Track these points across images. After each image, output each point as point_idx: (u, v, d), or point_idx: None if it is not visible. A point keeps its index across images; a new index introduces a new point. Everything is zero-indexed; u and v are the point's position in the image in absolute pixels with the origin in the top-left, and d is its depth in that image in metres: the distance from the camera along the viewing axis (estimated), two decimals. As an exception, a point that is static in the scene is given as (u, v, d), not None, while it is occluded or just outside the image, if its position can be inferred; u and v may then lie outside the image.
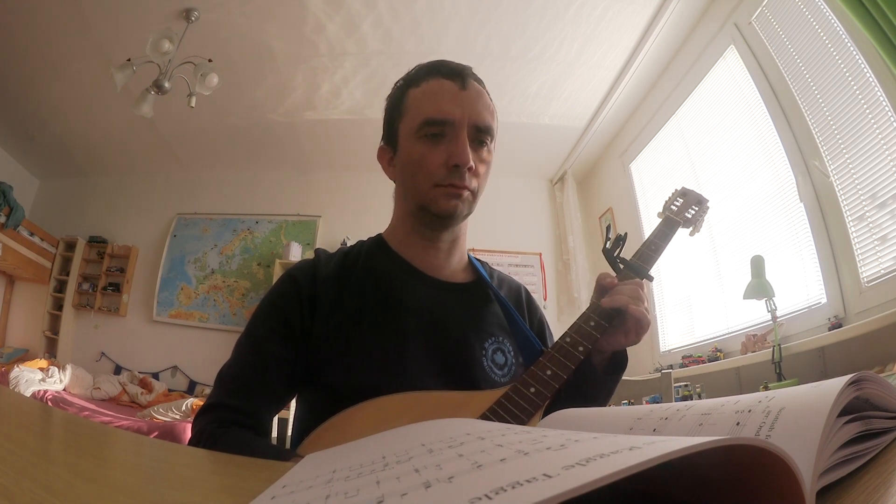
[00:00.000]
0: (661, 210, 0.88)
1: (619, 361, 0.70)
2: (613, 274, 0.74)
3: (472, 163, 0.68)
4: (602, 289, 0.71)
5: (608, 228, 0.78)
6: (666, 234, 0.81)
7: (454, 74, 0.72)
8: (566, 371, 0.62)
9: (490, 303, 0.78)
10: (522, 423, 0.57)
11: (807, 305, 2.03)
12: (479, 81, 0.74)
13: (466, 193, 0.70)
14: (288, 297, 0.71)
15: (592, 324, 0.66)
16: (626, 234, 0.79)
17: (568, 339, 0.65)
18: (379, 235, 0.83)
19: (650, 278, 0.73)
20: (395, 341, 0.69)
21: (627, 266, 0.74)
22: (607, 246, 0.77)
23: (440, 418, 0.59)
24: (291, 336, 0.69)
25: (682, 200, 0.89)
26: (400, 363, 0.67)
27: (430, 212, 0.71)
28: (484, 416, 0.58)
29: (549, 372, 0.62)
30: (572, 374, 0.63)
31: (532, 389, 0.60)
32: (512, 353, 0.75)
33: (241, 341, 0.71)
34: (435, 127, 0.69)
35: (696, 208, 0.88)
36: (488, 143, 0.72)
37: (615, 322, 0.67)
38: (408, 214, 0.77)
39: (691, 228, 0.88)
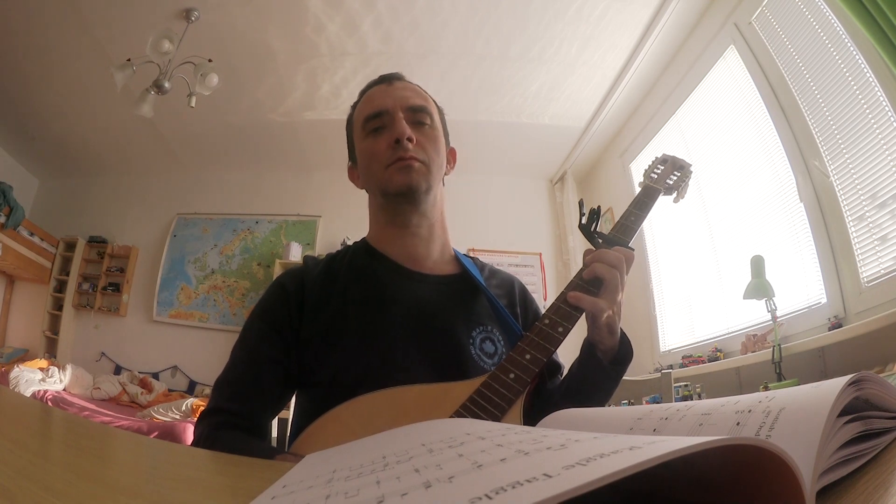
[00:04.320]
0: (641, 179, 0.85)
1: (622, 353, 0.69)
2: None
3: (409, 133, 0.73)
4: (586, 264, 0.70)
5: (581, 203, 0.77)
6: (645, 204, 0.77)
7: (381, 80, 0.82)
8: (545, 353, 0.61)
9: (477, 294, 0.79)
10: (504, 409, 0.56)
11: (807, 305, 2.03)
12: (410, 82, 0.83)
13: (417, 164, 0.74)
14: (277, 302, 0.74)
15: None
16: (599, 206, 0.77)
17: (546, 321, 0.63)
18: (363, 239, 0.85)
19: (630, 250, 0.71)
20: (381, 337, 0.70)
21: (606, 240, 0.72)
22: (583, 221, 0.74)
23: (421, 411, 0.59)
24: (282, 339, 0.71)
25: (662, 167, 0.86)
26: (387, 358, 0.68)
27: (390, 193, 0.75)
28: (464, 406, 0.57)
29: (528, 356, 0.60)
30: (551, 355, 0.61)
31: (511, 375, 0.59)
32: (502, 342, 0.75)
33: (235, 348, 0.74)
34: (374, 121, 0.77)
35: (678, 174, 0.85)
36: (427, 122, 0.78)
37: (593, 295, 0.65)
38: (378, 210, 0.81)
39: (675, 195, 0.85)
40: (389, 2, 2.70)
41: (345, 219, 4.23)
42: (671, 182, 0.84)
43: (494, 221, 4.19)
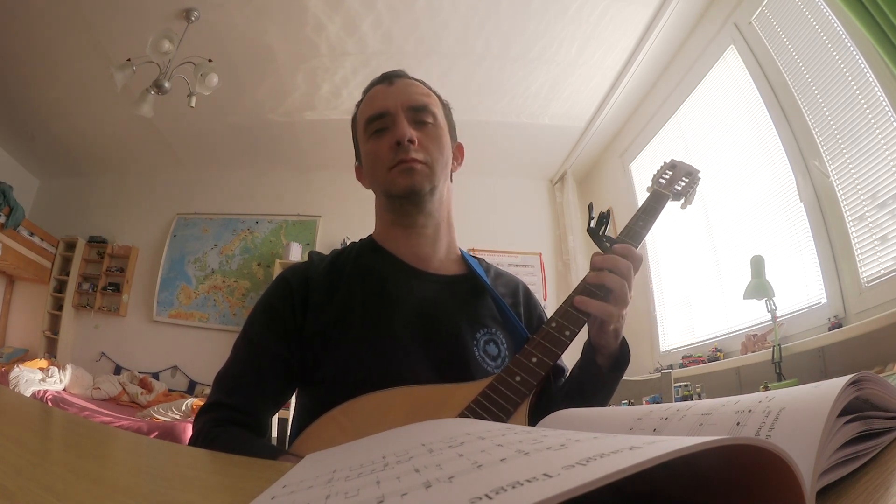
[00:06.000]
0: (649, 185, 0.85)
1: (622, 358, 0.70)
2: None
3: (409, 134, 0.73)
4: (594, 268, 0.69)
5: (591, 207, 0.75)
6: (654, 209, 0.78)
7: (383, 79, 0.82)
8: (552, 357, 0.60)
9: (482, 295, 0.79)
10: (509, 412, 0.56)
11: (807, 305, 2.03)
12: (413, 78, 0.83)
13: (419, 166, 0.73)
14: (281, 297, 0.74)
15: None
16: (609, 210, 0.77)
17: (553, 324, 0.63)
18: (369, 236, 0.85)
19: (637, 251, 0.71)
20: (385, 335, 0.70)
21: (614, 244, 0.71)
22: (591, 225, 0.74)
23: (426, 412, 0.59)
24: (285, 334, 0.71)
25: (671, 173, 0.86)
26: (391, 357, 0.68)
27: (393, 195, 0.75)
28: (469, 408, 0.57)
29: (534, 359, 0.60)
30: (558, 359, 0.61)
31: (517, 378, 0.59)
32: (505, 345, 0.75)
33: (237, 342, 0.74)
34: (376, 122, 0.76)
35: (686, 179, 0.85)
36: (429, 120, 0.77)
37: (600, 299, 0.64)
38: (384, 211, 0.81)
39: (682, 200, 0.85)
40: (389, 2, 2.70)
41: (345, 219, 4.23)
42: (679, 188, 0.84)
43: (494, 221, 4.19)
